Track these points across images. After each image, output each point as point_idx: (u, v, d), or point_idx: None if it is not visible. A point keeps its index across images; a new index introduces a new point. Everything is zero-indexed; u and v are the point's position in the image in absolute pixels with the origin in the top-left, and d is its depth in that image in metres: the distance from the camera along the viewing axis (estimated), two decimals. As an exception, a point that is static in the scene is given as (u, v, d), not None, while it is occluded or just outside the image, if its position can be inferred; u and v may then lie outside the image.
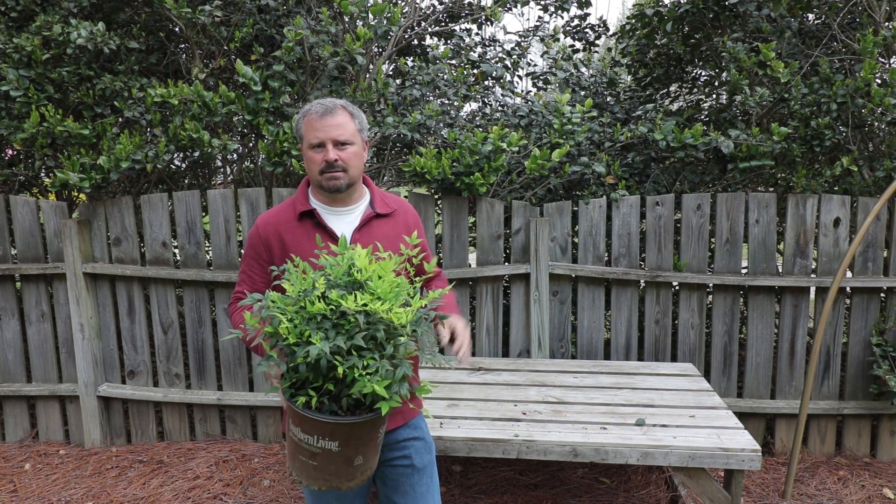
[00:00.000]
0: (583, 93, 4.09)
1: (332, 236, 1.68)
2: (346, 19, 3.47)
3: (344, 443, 1.28)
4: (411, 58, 4.00)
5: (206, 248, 4.14)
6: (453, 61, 3.85)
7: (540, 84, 4.30)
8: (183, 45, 3.80)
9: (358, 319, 1.23)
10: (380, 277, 1.29)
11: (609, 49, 4.66)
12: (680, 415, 2.45)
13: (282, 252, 1.69)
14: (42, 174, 3.66)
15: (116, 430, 3.47)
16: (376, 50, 3.50)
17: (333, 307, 1.26)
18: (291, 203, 1.74)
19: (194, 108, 3.12)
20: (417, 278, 1.43)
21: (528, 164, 3.10)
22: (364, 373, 1.22)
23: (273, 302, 1.28)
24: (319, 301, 1.25)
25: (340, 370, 1.20)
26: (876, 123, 3.23)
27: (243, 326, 1.38)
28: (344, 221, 1.71)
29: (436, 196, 3.44)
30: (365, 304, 1.25)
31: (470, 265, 3.32)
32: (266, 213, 1.75)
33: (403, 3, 3.62)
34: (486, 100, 4.04)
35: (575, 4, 4.01)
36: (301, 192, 1.75)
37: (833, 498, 2.87)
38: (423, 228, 1.85)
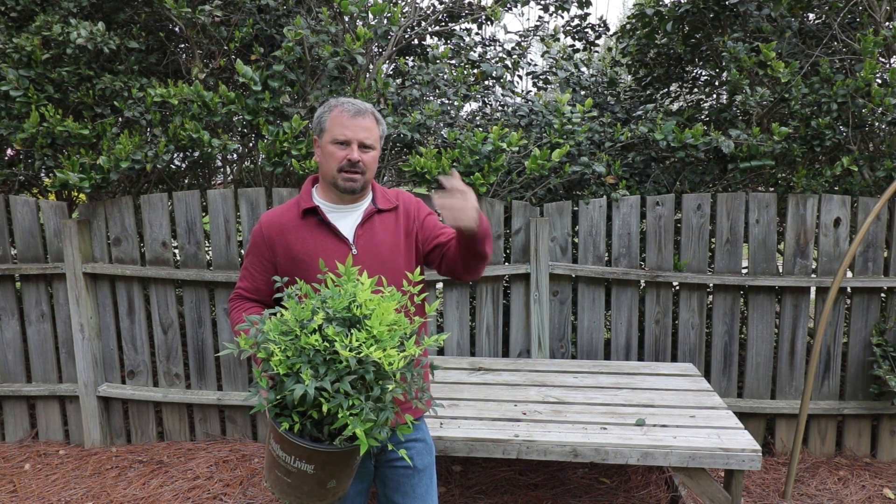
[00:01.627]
0: (583, 92, 4.09)
1: (335, 234, 1.69)
2: (346, 19, 3.47)
3: (319, 467, 1.32)
4: (411, 58, 4.00)
5: (206, 248, 4.14)
6: (453, 61, 3.85)
7: (540, 84, 4.30)
8: (183, 45, 3.80)
9: (349, 362, 1.25)
10: (379, 321, 1.30)
11: (609, 49, 4.66)
12: (680, 415, 2.45)
13: (285, 251, 1.69)
14: (42, 174, 3.65)
15: (116, 430, 3.47)
16: (376, 50, 3.50)
17: (328, 343, 1.28)
18: (296, 202, 1.75)
19: (194, 108, 3.12)
20: (418, 318, 1.44)
21: (528, 164, 3.10)
22: (348, 413, 1.25)
23: (268, 330, 1.30)
24: (315, 334, 1.26)
25: (325, 408, 1.23)
26: (876, 123, 3.23)
27: (238, 340, 1.40)
28: (347, 219, 1.72)
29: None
30: (359, 347, 1.26)
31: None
32: (270, 211, 1.75)
33: (403, 3, 3.62)
34: (486, 100, 4.04)
35: (575, 4, 4.01)
36: (305, 191, 1.76)
37: (833, 498, 2.87)
38: (426, 207, 1.84)
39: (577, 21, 4.44)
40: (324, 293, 1.36)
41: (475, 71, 3.78)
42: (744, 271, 3.29)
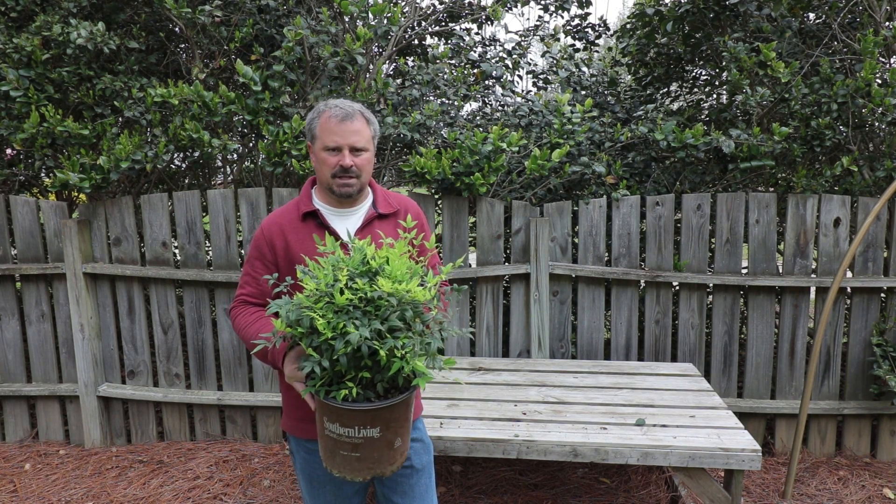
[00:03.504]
0: (583, 92, 4.09)
1: (334, 236, 1.68)
2: (346, 19, 3.47)
3: (384, 427, 1.33)
4: (411, 58, 4.00)
5: (206, 248, 4.14)
6: (453, 61, 3.84)
7: (540, 84, 4.30)
8: (183, 45, 3.80)
9: (390, 302, 1.28)
10: (388, 261, 1.34)
11: (609, 49, 4.66)
12: (680, 415, 2.45)
13: (285, 251, 1.69)
14: (42, 174, 3.65)
15: (116, 430, 3.47)
16: (376, 50, 3.50)
17: (362, 295, 1.29)
18: (295, 204, 1.75)
19: (194, 108, 3.12)
20: (422, 258, 1.47)
21: (528, 164, 3.10)
22: (403, 352, 1.27)
23: (298, 304, 1.31)
24: (344, 294, 1.28)
25: (382, 353, 1.24)
26: (876, 123, 3.23)
27: (271, 336, 1.38)
28: (347, 222, 1.72)
29: (436, 196, 3.43)
30: (392, 288, 1.30)
31: (470, 265, 3.32)
32: (270, 215, 1.76)
33: (403, 3, 3.62)
34: (486, 100, 4.04)
35: (575, 4, 4.01)
36: (305, 192, 1.76)
37: (833, 498, 2.87)
38: (425, 218, 1.86)
39: (577, 21, 4.44)
40: (330, 260, 1.37)
41: (475, 71, 3.78)
42: (744, 271, 3.29)
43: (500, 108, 4.08)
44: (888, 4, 3.26)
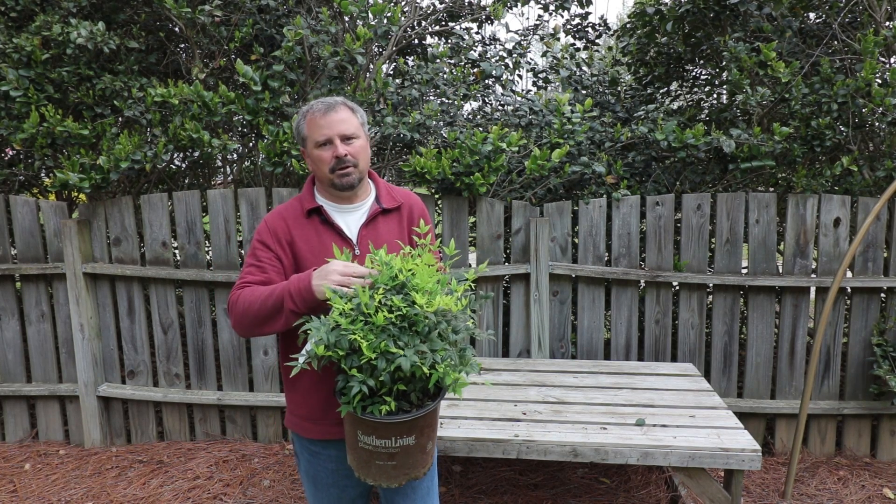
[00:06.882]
0: (584, 92, 4.08)
1: (339, 233, 1.68)
2: (346, 19, 3.47)
3: (419, 433, 1.36)
4: (411, 57, 4.00)
5: (206, 249, 4.14)
6: (452, 60, 3.84)
7: (540, 83, 4.30)
8: (183, 45, 3.80)
9: (430, 319, 1.31)
10: (413, 274, 1.36)
11: (610, 48, 4.65)
12: (680, 415, 2.45)
13: (290, 245, 1.67)
14: (42, 174, 3.65)
15: (116, 430, 3.47)
16: (376, 50, 3.50)
17: (402, 313, 1.31)
18: (298, 201, 1.73)
19: (194, 108, 3.11)
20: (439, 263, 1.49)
21: (528, 164, 3.10)
22: (444, 365, 1.30)
23: (332, 323, 1.32)
24: (380, 312, 1.29)
25: (427, 369, 1.27)
26: (876, 123, 3.22)
27: (307, 358, 1.35)
28: (351, 218, 1.71)
29: (436, 196, 3.43)
30: (428, 303, 1.32)
31: (470, 265, 3.32)
32: (272, 211, 1.73)
33: (403, 3, 3.62)
34: (486, 99, 4.04)
35: (575, 3, 4.01)
36: (307, 190, 1.74)
37: (833, 498, 2.87)
38: (430, 218, 1.86)
39: (577, 20, 4.44)
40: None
41: (475, 70, 3.78)
42: (744, 271, 3.29)
43: (500, 107, 4.08)
44: (888, 4, 3.26)
